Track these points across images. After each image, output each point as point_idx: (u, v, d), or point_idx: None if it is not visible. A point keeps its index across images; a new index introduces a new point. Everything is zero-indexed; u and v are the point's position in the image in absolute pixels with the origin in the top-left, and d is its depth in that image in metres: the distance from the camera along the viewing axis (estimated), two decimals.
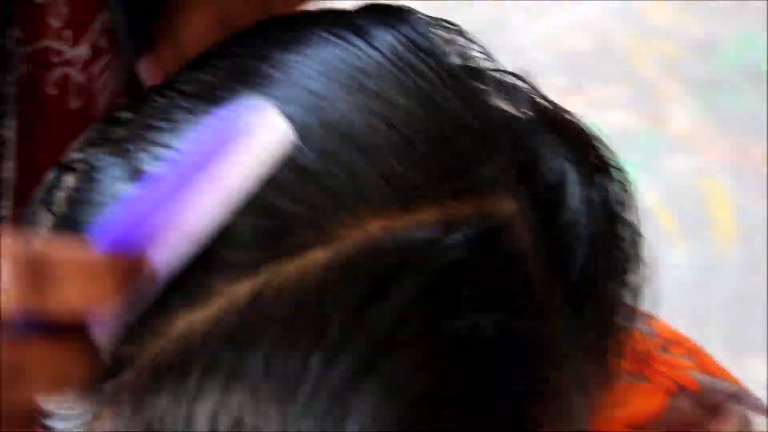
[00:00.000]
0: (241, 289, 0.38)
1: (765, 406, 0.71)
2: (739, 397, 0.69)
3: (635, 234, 0.45)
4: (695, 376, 0.67)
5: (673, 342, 0.69)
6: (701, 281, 1.72)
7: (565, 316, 0.41)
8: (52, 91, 0.73)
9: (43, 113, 0.73)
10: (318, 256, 0.38)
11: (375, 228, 0.38)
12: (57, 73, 0.73)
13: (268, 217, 0.38)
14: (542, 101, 0.44)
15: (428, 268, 0.38)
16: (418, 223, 0.38)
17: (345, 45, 0.42)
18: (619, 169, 0.45)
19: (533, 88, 0.45)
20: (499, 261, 0.39)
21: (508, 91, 0.43)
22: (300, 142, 0.39)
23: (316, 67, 0.41)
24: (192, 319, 0.38)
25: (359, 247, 0.38)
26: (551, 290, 0.41)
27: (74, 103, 0.75)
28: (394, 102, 0.40)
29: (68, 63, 0.73)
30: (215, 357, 0.38)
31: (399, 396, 0.37)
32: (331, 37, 0.43)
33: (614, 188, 0.44)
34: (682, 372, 0.67)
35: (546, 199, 0.41)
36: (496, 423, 0.39)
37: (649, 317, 0.69)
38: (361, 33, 0.43)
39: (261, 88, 0.41)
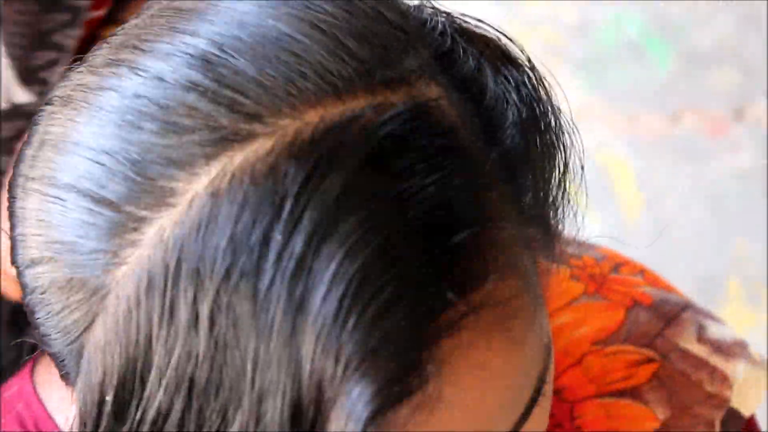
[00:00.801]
0: (199, 183, 0.42)
1: (714, 315, 0.74)
2: (691, 306, 0.72)
3: (555, 119, 0.49)
4: (648, 291, 0.70)
5: (623, 263, 0.72)
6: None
7: (500, 179, 0.45)
8: None
9: None
10: (264, 144, 0.42)
11: (312, 117, 0.42)
12: None
13: (216, 116, 0.43)
14: (453, 14, 0.50)
15: (367, 142, 0.42)
16: (352, 109, 0.42)
17: None
18: (529, 65, 0.50)
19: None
20: (432, 132, 0.43)
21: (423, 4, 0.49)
22: (235, 53, 0.43)
23: None
24: (161, 224, 0.42)
25: (300, 131, 0.42)
26: (484, 158, 0.45)
27: None
28: (319, 7, 0.45)
29: None
30: (186, 253, 0.41)
31: (356, 254, 0.40)
32: None
33: (525, 77, 0.49)
34: (635, 288, 0.70)
35: (466, 85, 0.47)
36: (442, 274, 0.42)
37: (597, 245, 0.71)
38: None
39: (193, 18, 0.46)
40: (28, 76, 0.77)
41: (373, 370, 0.41)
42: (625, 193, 1.86)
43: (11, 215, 0.49)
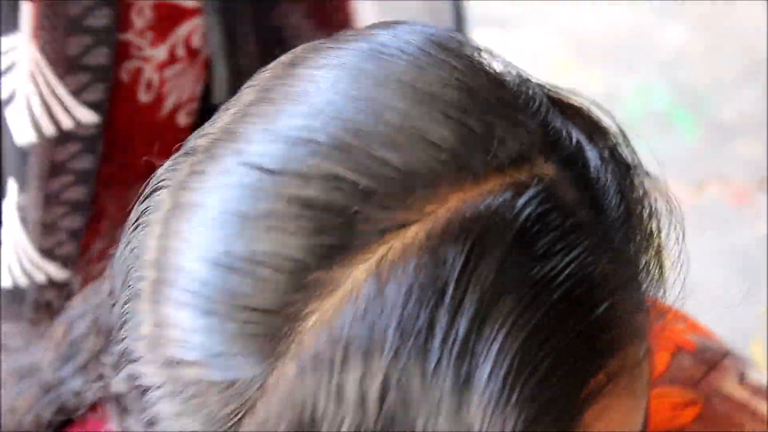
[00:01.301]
0: (358, 271, 0.44)
1: (752, 362, 0.77)
2: (731, 353, 0.76)
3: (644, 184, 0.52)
4: (691, 338, 0.73)
5: (666, 310, 0.75)
6: None
7: (618, 248, 0.48)
8: (124, 77, 0.79)
9: (114, 97, 0.79)
10: (418, 231, 0.44)
11: (455, 201, 0.45)
12: (132, 64, 0.79)
13: (364, 204, 0.44)
14: (545, 85, 0.51)
15: (512, 225, 0.44)
16: (489, 191, 0.45)
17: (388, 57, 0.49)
18: (619, 132, 0.52)
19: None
20: (562, 211, 0.46)
21: (522, 78, 0.50)
22: (373, 141, 0.45)
23: (370, 80, 0.48)
24: (323, 311, 0.44)
25: (448, 219, 0.44)
26: (605, 230, 0.48)
27: (144, 97, 0.81)
28: (442, 95, 0.47)
29: (144, 60, 0.79)
30: (352, 336, 0.44)
31: (515, 334, 0.43)
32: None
33: (616, 145, 0.51)
34: (679, 334, 0.73)
35: (573, 159, 0.49)
36: (588, 346, 0.45)
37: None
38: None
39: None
40: (68, 65, 0.77)
41: None
42: None
43: (127, 311, 0.50)
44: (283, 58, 0.52)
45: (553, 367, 0.44)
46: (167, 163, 0.51)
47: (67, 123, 0.79)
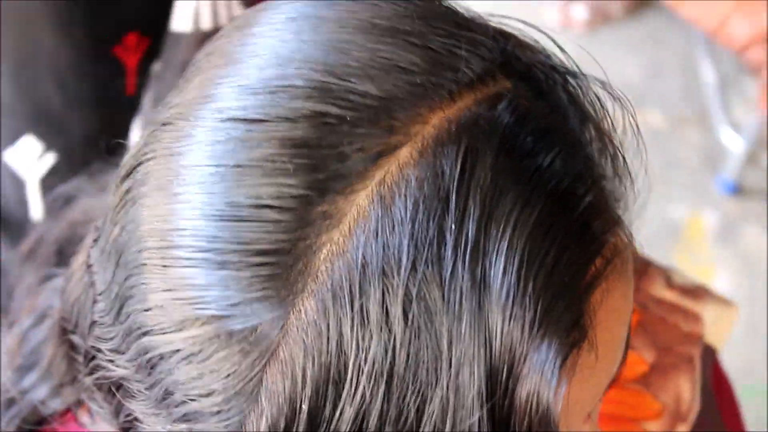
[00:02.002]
0: (362, 200, 0.46)
1: (673, 266, 0.81)
2: (652, 261, 0.79)
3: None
4: None
5: None
6: None
7: (585, 146, 0.51)
8: None
9: None
10: (410, 151, 0.46)
11: (437, 119, 0.47)
12: None
13: (358, 138, 0.46)
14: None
15: (496, 132, 0.47)
16: (465, 106, 0.48)
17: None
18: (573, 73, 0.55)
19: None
20: (535, 116, 0.49)
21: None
22: (351, 78, 0.47)
23: (331, 24, 0.50)
24: (333, 243, 0.46)
25: (435, 135, 0.47)
26: (571, 132, 0.51)
27: None
28: (402, 26, 0.49)
29: None
30: (367, 258, 0.45)
31: (520, 228, 0.46)
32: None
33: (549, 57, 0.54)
34: None
35: (525, 76, 0.51)
36: (585, 232, 0.48)
37: None
38: None
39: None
40: (98, 49, 0.79)
41: (554, 325, 0.46)
42: None
43: (129, 288, 0.50)
44: (233, 23, 0.53)
45: (558, 254, 0.46)
46: (140, 142, 0.52)
47: None
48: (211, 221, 0.47)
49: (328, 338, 0.46)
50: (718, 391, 0.78)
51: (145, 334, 0.50)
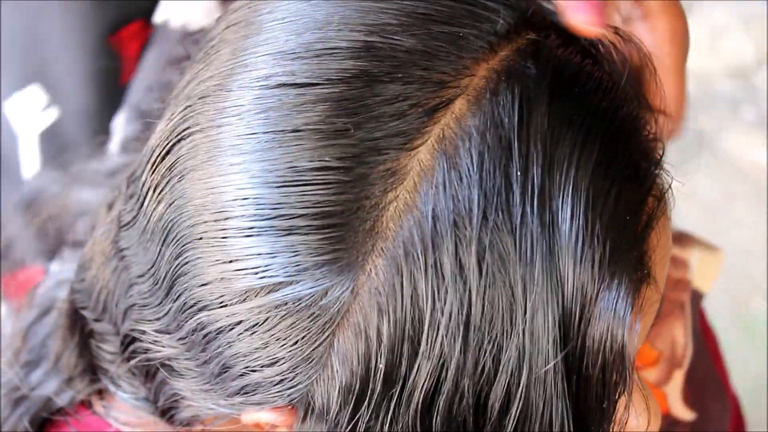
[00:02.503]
0: (424, 156, 0.46)
1: None
2: None
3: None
4: None
5: None
6: None
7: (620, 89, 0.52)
8: None
9: None
10: (464, 104, 0.47)
11: (484, 71, 0.47)
12: None
13: (412, 94, 0.47)
14: None
15: (544, 76, 0.48)
16: (507, 56, 0.48)
17: None
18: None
19: None
20: (576, 61, 0.50)
21: None
22: (395, 35, 0.47)
23: None
24: (399, 200, 0.46)
25: (486, 86, 0.47)
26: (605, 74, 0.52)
27: None
28: None
29: None
30: (438, 212, 0.45)
31: (583, 170, 0.46)
32: None
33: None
34: None
35: (548, 27, 0.52)
36: (639, 170, 0.49)
37: None
38: None
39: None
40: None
41: (622, 264, 0.47)
42: None
43: (182, 264, 0.49)
44: None
45: (619, 193, 0.47)
46: (173, 117, 0.51)
47: None
48: (274, 188, 0.46)
49: (402, 295, 0.45)
50: (704, 335, 0.80)
51: (202, 309, 0.49)
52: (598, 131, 0.47)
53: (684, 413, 0.76)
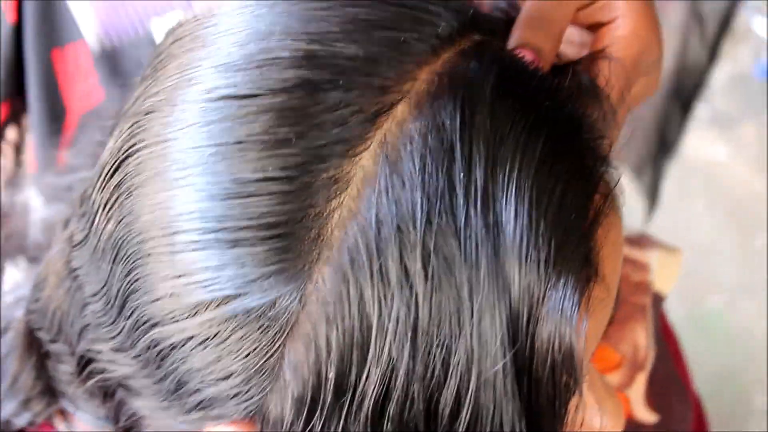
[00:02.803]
0: (366, 161, 0.46)
1: None
2: None
3: None
4: None
5: None
6: None
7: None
8: None
9: None
10: (405, 108, 0.46)
11: (426, 74, 0.47)
12: None
13: (353, 101, 0.46)
14: None
15: (487, 79, 0.47)
16: (450, 59, 0.48)
17: None
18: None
19: None
20: (515, 64, 0.50)
21: None
22: (335, 42, 0.47)
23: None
24: (343, 208, 0.45)
25: (427, 90, 0.47)
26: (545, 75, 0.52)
27: None
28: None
29: None
30: (382, 217, 0.45)
31: (526, 169, 0.46)
32: None
33: None
34: None
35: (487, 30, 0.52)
36: (584, 168, 0.49)
37: None
38: None
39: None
40: None
41: (568, 262, 0.46)
42: None
43: (132, 281, 0.48)
44: (193, 12, 0.53)
45: (563, 192, 0.47)
46: (121, 134, 0.50)
47: None
48: (218, 201, 0.46)
49: (349, 303, 0.45)
50: (665, 338, 0.80)
51: (154, 325, 0.48)
52: (541, 130, 0.47)
53: (647, 416, 0.76)
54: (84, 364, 0.54)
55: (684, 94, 1.99)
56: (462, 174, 0.45)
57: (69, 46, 0.79)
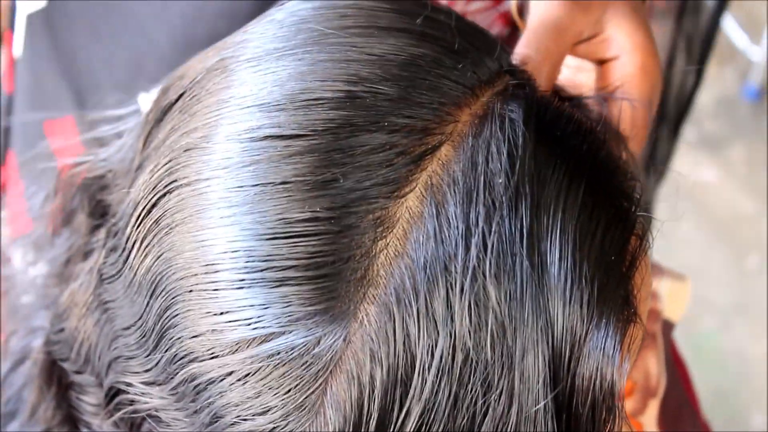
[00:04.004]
0: (412, 202, 0.46)
1: None
2: None
3: None
4: None
5: None
6: None
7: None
8: None
9: None
10: (448, 150, 0.47)
11: (466, 116, 0.48)
12: None
13: (392, 139, 0.47)
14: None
15: (529, 119, 0.48)
16: (489, 100, 0.49)
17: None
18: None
19: None
20: (549, 105, 0.51)
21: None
22: (377, 84, 0.48)
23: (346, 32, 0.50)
24: (389, 248, 0.46)
25: (470, 131, 0.48)
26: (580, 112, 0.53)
27: None
28: (413, 28, 0.50)
29: None
30: (429, 257, 0.45)
31: (569, 211, 0.47)
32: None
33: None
34: None
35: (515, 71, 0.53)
36: (619, 207, 0.49)
37: None
38: None
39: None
40: None
41: (610, 303, 0.47)
42: None
43: (171, 317, 0.49)
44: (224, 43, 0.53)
45: (604, 234, 0.47)
46: (157, 169, 0.50)
47: None
48: (264, 240, 0.46)
49: (395, 340, 0.45)
50: (676, 364, 0.81)
51: (193, 360, 0.48)
52: (581, 173, 0.48)
53: None
54: (112, 395, 0.54)
55: (672, 116, 2.00)
56: (507, 215, 0.46)
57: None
